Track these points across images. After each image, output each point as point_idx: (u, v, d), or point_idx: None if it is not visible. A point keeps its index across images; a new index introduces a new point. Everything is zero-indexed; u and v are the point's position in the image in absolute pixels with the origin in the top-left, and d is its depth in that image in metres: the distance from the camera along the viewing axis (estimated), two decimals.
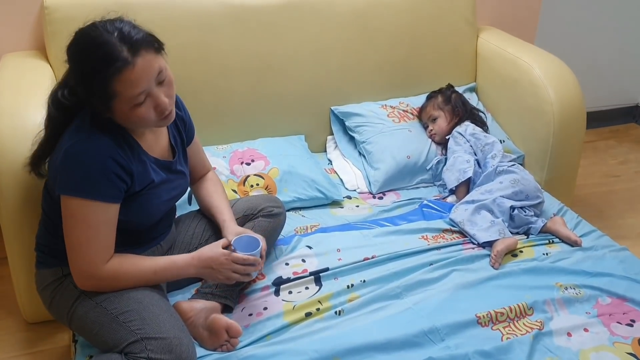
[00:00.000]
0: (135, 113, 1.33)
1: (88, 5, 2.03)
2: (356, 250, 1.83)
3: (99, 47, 1.27)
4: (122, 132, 1.41)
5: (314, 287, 1.70)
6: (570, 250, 1.89)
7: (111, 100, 1.30)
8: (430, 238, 1.92)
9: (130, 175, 1.39)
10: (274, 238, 1.81)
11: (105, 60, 1.26)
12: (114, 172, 1.34)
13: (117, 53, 1.27)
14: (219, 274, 1.47)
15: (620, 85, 3.49)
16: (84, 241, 1.35)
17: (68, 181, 1.34)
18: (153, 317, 1.37)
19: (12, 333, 1.90)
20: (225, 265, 1.46)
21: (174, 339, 1.34)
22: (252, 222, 1.73)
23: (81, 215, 1.34)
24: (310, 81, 2.36)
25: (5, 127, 1.68)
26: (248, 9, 2.23)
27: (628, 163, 3.14)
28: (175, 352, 1.32)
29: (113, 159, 1.34)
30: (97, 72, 1.27)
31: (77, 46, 1.31)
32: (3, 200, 1.67)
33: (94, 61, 1.28)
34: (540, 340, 1.53)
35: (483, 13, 2.72)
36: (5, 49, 2.14)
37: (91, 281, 1.39)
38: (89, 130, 1.35)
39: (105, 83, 1.27)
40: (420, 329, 1.52)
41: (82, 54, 1.31)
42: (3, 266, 2.07)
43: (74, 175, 1.33)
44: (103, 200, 1.34)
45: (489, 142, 2.18)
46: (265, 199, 1.82)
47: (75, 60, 1.32)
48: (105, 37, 1.28)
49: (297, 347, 1.47)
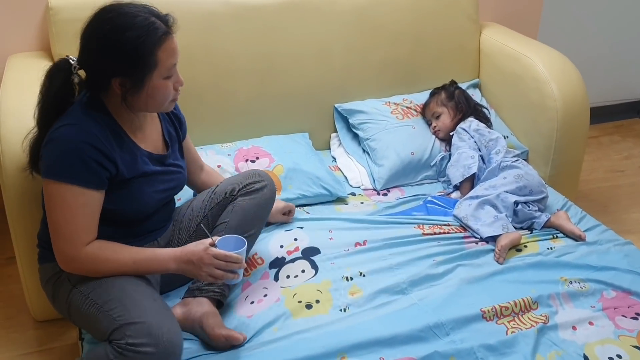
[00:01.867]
0: (163, 87, 1.41)
1: (93, 6, 2.05)
2: (347, 233, 1.88)
3: (138, 19, 1.35)
4: (112, 124, 1.44)
5: (309, 270, 1.72)
6: (575, 244, 1.89)
7: (152, 70, 1.38)
8: (426, 228, 1.93)
9: (113, 163, 1.41)
10: (260, 215, 1.72)
11: (150, 29, 1.35)
12: (93, 158, 1.37)
13: (157, 24, 1.37)
14: (201, 270, 1.43)
15: (623, 81, 3.48)
16: (63, 223, 1.37)
17: (48, 164, 1.37)
18: (134, 303, 1.37)
19: (22, 331, 1.92)
20: (206, 260, 1.42)
21: (153, 323, 1.32)
22: (232, 203, 1.69)
23: (59, 198, 1.36)
24: (313, 79, 2.37)
25: (11, 128, 1.69)
26: (251, 9, 2.24)
27: (632, 158, 3.14)
28: (153, 336, 1.30)
29: (92, 145, 1.37)
30: (141, 42, 1.34)
31: (113, 21, 1.36)
32: (10, 200, 1.68)
33: (139, 30, 1.34)
34: (545, 333, 1.54)
35: (485, 9, 2.73)
36: (11, 50, 2.16)
37: (71, 264, 1.41)
38: (77, 117, 1.39)
39: (151, 50, 1.36)
40: (425, 324, 1.53)
41: (122, 27, 1.35)
42: (11, 265, 2.09)
43: (53, 158, 1.36)
44: (80, 185, 1.36)
45: (493, 138, 2.18)
46: (246, 175, 1.74)
47: (112, 35, 1.35)
48: (140, 10, 1.38)
49: (303, 342, 1.48)
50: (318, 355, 1.43)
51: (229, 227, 1.64)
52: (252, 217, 1.68)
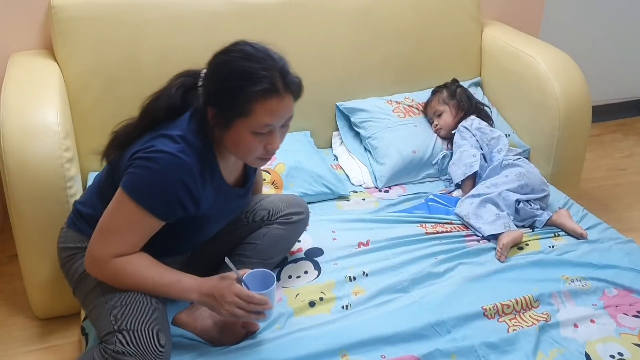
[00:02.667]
0: (249, 140, 1.35)
1: (95, 5, 2.06)
2: (351, 233, 1.88)
3: (264, 66, 1.32)
4: (211, 159, 1.41)
5: (312, 271, 1.73)
6: (576, 242, 1.89)
7: (240, 117, 1.32)
8: (429, 227, 1.93)
9: (196, 205, 1.39)
10: (289, 246, 1.74)
11: (263, 81, 1.30)
12: (180, 198, 1.35)
13: (275, 80, 1.32)
14: (222, 307, 1.35)
15: (625, 79, 3.48)
16: (113, 230, 1.36)
17: (135, 183, 1.33)
18: (135, 308, 1.35)
19: (24, 329, 1.92)
20: (228, 299, 1.34)
21: (144, 331, 1.31)
22: (267, 227, 1.66)
23: (126, 211, 1.34)
24: (315, 77, 2.35)
25: (13, 126, 1.70)
26: (253, 7, 2.24)
27: (634, 156, 3.14)
28: (140, 346, 1.28)
29: (186, 186, 1.34)
30: (248, 86, 1.30)
31: (243, 56, 1.33)
32: (12, 198, 1.69)
33: (255, 75, 1.31)
34: (546, 331, 1.54)
35: (487, 7, 2.73)
36: (14, 49, 2.16)
37: (96, 269, 1.39)
38: (183, 145, 1.35)
39: (249, 99, 1.31)
40: (427, 322, 1.53)
41: (245, 64, 1.32)
42: (13, 263, 2.09)
43: (143, 182, 1.33)
44: (152, 213, 1.34)
45: (495, 136, 2.18)
46: (287, 202, 1.71)
47: (234, 67, 1.33)
48: (270, 63, 1.33)
49: (304, 340, 1.48)
50: (320, 353, 1.43)
51: (257, 250, 1.63)
52: (281, 247, 1.69)
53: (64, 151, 1.72)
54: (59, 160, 1.69)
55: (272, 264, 1.68)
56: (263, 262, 1.62)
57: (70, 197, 1.71)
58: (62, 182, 1.70)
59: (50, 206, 1.69)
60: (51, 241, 1.71)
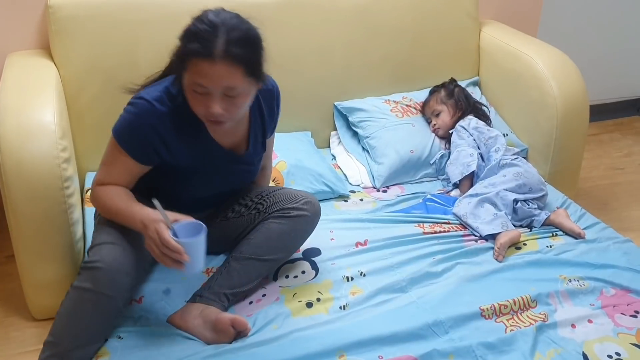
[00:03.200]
0: (191, 96, 1.42)
1: (92, 4, 2.06)
2: (348, 233, 1.88)
3: (208, 29, 1.36)
4: (192, 116, 1.46)
5: (310, 270, 1.72)
6: (574, 242, 1.89)
7: (183, 71, 1.40)
8: (427, 226, 1.93)
9: (170, 153, 1.50)
10: (285, 242, 1.65)
11: (200, 42, 1.35)
12: (150, 141, 1.47)
13: (211, 43, 1.35)
14: (146, 240, 1.40)
15: (623, 78, 3.48)
16: (102, 162, 1.54)
17: (117, 123, 1.49)
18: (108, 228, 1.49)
19: (21, 329, 1.91)
20: (149, 233, 1.37)
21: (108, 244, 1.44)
22: (265, 221, 1.64)
23: (111, 149, 1.51)
24: (313, 77, 2.37)
25: (10, 126, 1.69)
26: (251, 6, 2.21)
27: (632, 155, 3.14)
28: (101, 254, 1.42)
29: (155, 129, 1.46)
30: (186, 43, 1.38)
31: (200, 19, 1.40)
32: (9, 197, 1.68)
33: (195, 35, 1.37)
34: (544, 331, 1.54)
35: (485, 7, 2.72)
36: (11, 48, 2.16)
37: (91, 191, 1.56)
38: (162, 94, 1.47)
39: (186, 55, 1.38)
40: (424, 322, 1.53)
41: (196, 25, 1.39)
42: (10, 263, 2.09)
43: (123, 124, 1.47)
44: (128, 153, 1.48)
45: (493, 136, 2.18)
46: (291, 196, 1.66)
47: (188, 27, 1.41)
48: (221, 28, 1.37)
49: (302, 340, 1.48)
50: (317, 353, 1.43)
51: (251, 244, 1.62)
52: (275, 242, 1.62)
53: (61, 151, 1.71)
54: (56, 160, 1.69)
55: (269, 261, 1.63)
56: (258, 259, 1.61)
57: (67, 197, 1.71)
58: (59, 182, 1.69)
59: (47, 206, 1.69)
60: (48, 241, 1.71)
